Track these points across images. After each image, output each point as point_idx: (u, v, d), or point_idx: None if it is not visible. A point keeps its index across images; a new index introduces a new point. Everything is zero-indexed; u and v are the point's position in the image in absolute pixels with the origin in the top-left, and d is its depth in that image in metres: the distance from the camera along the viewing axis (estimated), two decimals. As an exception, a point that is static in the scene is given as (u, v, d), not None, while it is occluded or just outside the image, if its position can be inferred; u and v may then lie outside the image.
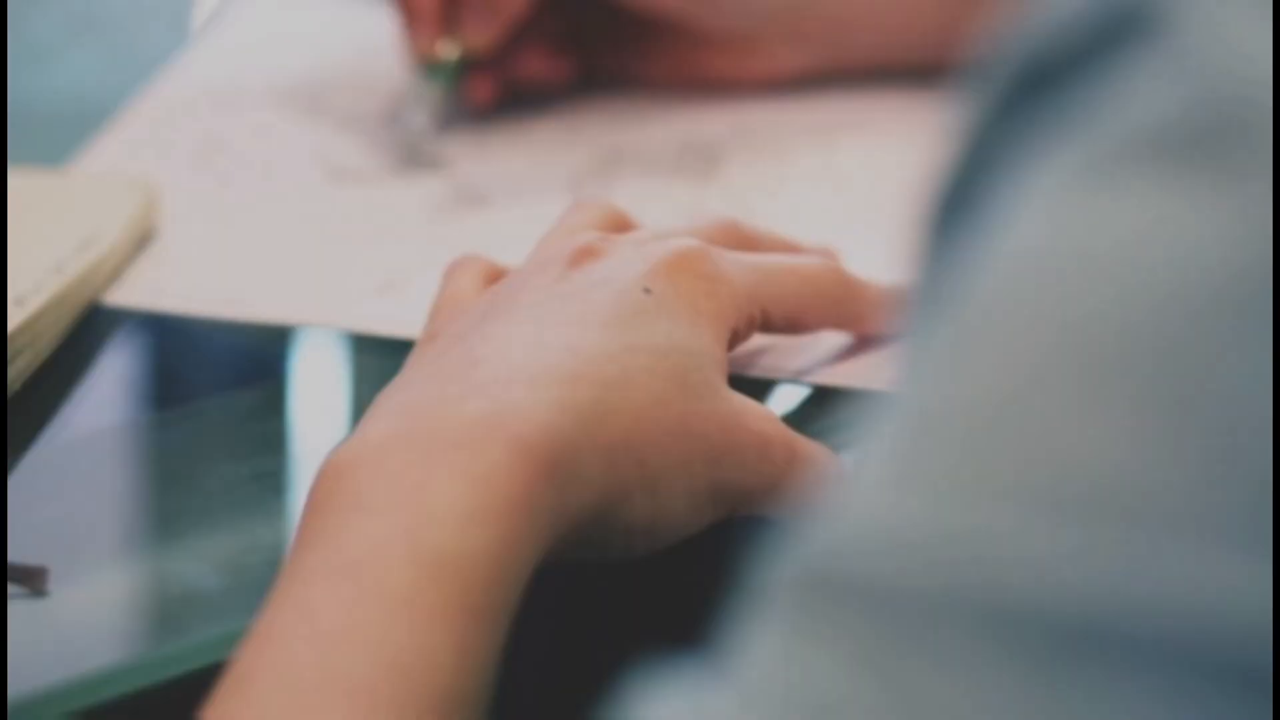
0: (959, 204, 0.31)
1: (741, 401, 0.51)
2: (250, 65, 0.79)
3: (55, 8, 0.88)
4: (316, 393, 0.61)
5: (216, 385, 0.63)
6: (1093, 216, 0.29)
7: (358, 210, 0.69)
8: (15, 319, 0.57)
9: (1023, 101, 0.30)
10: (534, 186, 0.71)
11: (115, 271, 0.63)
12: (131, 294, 0.63)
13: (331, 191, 0.70)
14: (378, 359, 0.61)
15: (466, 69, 0.73)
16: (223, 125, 0.75)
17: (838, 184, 0.71)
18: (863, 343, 0.59)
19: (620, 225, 0.58)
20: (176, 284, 0.64)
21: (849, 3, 0.73)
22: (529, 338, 0.50)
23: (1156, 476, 0.27)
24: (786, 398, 0.58)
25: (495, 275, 0.57)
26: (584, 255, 0.54)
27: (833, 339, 0.59)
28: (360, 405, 0.61)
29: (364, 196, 0.70)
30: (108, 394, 0.59)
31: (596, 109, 0.76)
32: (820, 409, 0.58)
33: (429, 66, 0.72)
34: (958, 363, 0.29)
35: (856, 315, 0.58)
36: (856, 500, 0.30)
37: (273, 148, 0.73)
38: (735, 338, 0.54)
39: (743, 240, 0.57)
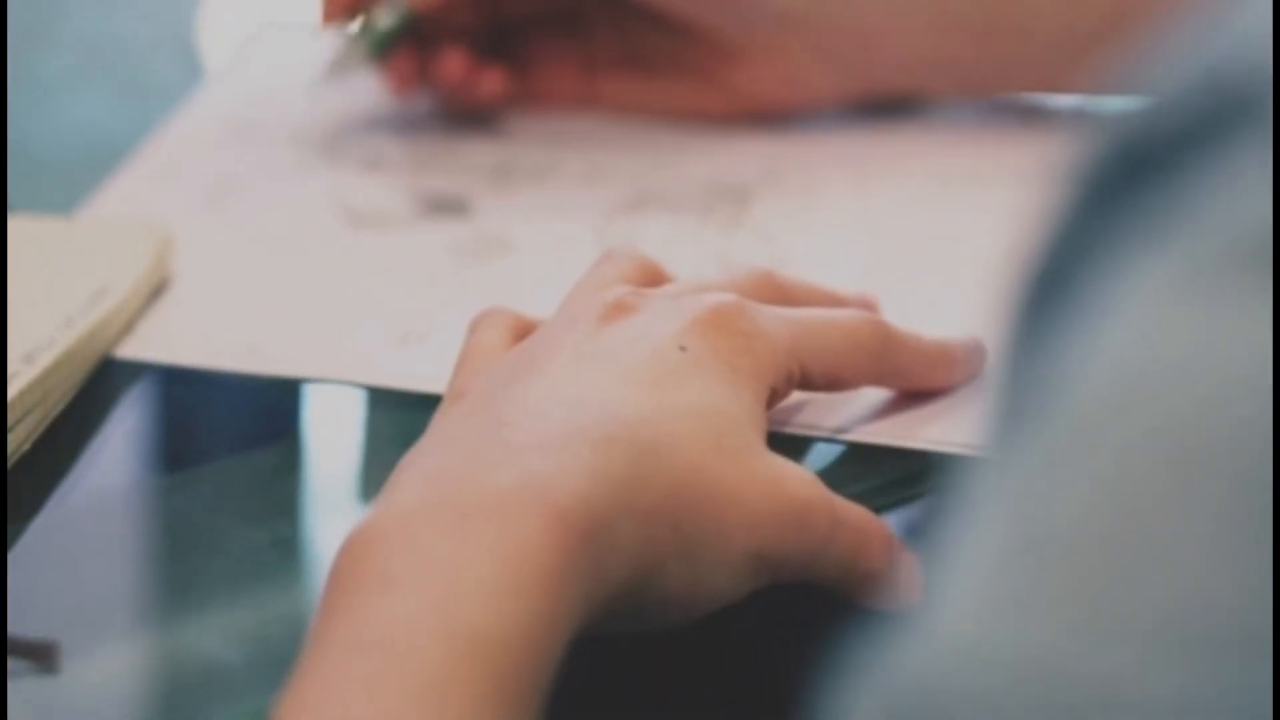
0: (1053, 291, 0.30)
1: (781, 464, 0.50)
2: (265, 105, 0.78)
3: (64, 43, 0.86)
4: (337, 451, 0.60)
5: (232, 443, 0.61)
6: (1197, 327, 0.27)
7: (377, 257, 0.67)
8: (25, 377, 0.56)
9: (1123, 186, 0.29)
10: (559, 231, 0.69)
11: (128, 324, 0.62)
12: (144, 346, 0.62)
13: (350, 237, 0.69)
14: (400, 415, 0.59)
15: (400, 37, 0.71)
16: (237, 167, 0.73)
17: (871, 225, 0.70)
18: (904, 398, 0.57)
19: (652, 277, 0.56)
20: (191, 335, 0.62)
21: (875, 19, 0.71)
22: (561, 399, 0.49)
23: None
24: (825, 457, 0.57)
25: (523, 328, 0.56)
26: (616, 311, 0.52)
27: (873, 394, 0.57)
28: (382, 464, 0.59)
29: (384, 242, 0.68)
30: (119, 453, 0.58)
31: (621, 149, 0.74)
32: (861, 468, 0.56)
33: (361, 26, 0.71)
34: (1058, 478, 0.28)
35: (898, 370, 0.56)
36: (948, 622, 0.28)
37: (289, 191, 0.72)
38: (773, 396, 0.52)
39: (779, 292, 0.56)
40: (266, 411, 0.61)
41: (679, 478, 0.47)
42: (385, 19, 0.71)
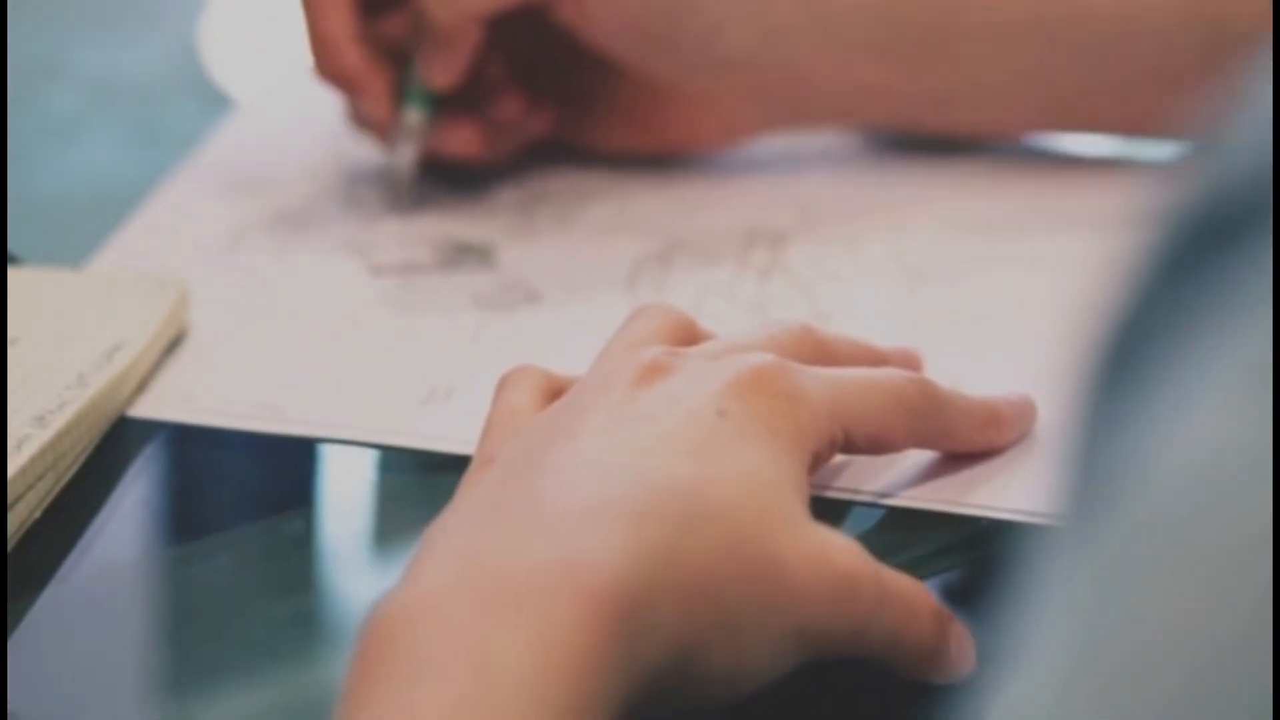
0: (1126, 366, 0.28)
1: (825, 535, 0.48)
2: (282, 150, 0.76)
3: (74, 80, 0.85)
4: (359, 517, 0.58)
5: (250, 509, 0.59)
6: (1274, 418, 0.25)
7: (399, 308, 0.66)
8: (37, 441, 0.54)
9: (1201, 259, 0.27)
10: (588, 280, 0.68)
11: (143, 382, 0.60)
12: (158, 405, 0.60)
13: (370, 287, 0.67)
14: (425, 478, 0.58)
15: (441, 105, 0.70)
16: (254, 215, 0.72)
17: (910, 272, 0.68)
18: (951, 460, 0.56)
19: (687, 334, 0.55)
20: (206, 392, 0.61)
21: (811, 56, 0.70)
22: (596, 469, 0.47)
23: None
24: (868, 522, 0.55)
25: (553, 388, 0.54)
26: (652, 372, 0.50)
27: (917, 455, 0.56)
28: (408, 531, 0.57)
29: (406, 293, 0.67)
30: (131, 520, 0.56)
31: (650, 195, 0.73)
32: (907, 535, 0.54)
33: (406, 95, 0.69)
34: (1134, 585, 0.26)
35: (944, 431, 0.55)
36: None
37: (308, 240, 0.70)
38: (816, 460, 0.51)
39: (819, 349, 0.54)
40: (285, 475, 0.60)
41: (719, 552, 0.46)
42: (415, 115, 0.70)
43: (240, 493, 0.60)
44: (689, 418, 0.48)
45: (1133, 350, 0.28)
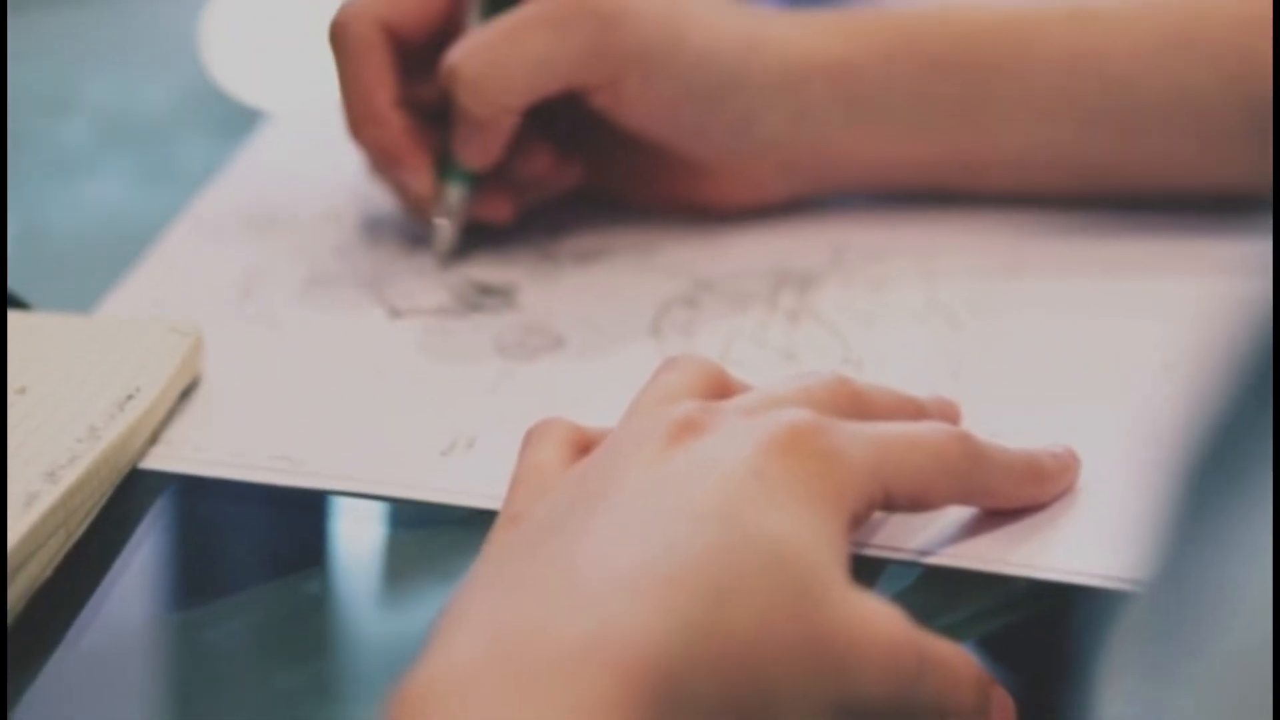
0: (1212, 483, 0.26)
1: (866, 603, 0.46)
2: (297, 185, 0.75)
3: (83, 113, 0.84)
4: (380, 576, 0.57)
5: (265, 567, 0.58)
6: None
7: (419, 354, 0.64)
8: (48, 497, 0.53)
9: None
10: (613, 324, 0.66)
11: (156, 433, 0.59)
12: (171, 457, 0.59)
13: (390, 331, 0.66)
14: (449, 533, 0.56)
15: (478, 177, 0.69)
16: (269, 254, 0.70)
17: (944, 316, 0.66)
18: (992, 516, 0.54)
19: (720, 387, 0.54)
20: (220, 443, 0.59)
21: (844, 136, 0.69)
22: (629, 535, 0.46)
23: None
24: (907, 580, 0.54)
25: (582, 442, 0.53)
26: (685, 430, 0.49)
27: (957, 512, 0.54)
28: (430, 590, 0.56)
29: (425, 338, 0.65)
30: (141, 580, 0.55)
31: (676, 235, 0.71)
32: (947, 596, 0.53)
33: (446, 172, 0.68)
34: None
35: (985, 488, 0.53)
36: None
37: (325, 281, 0.69)
38: (855, 521, 0.49)
39: (855, 401, 0.53)
40: (301, 530, 0.58)
41: (758, 624, 0.44)
42: (455, 192, 0.69)
43: (255, 550, 0.59)
44: (724, 480, 0.47)
45: (1220, 463, 0.27)
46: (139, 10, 0.98)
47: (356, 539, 0.59)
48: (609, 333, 0.66)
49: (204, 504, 0.58)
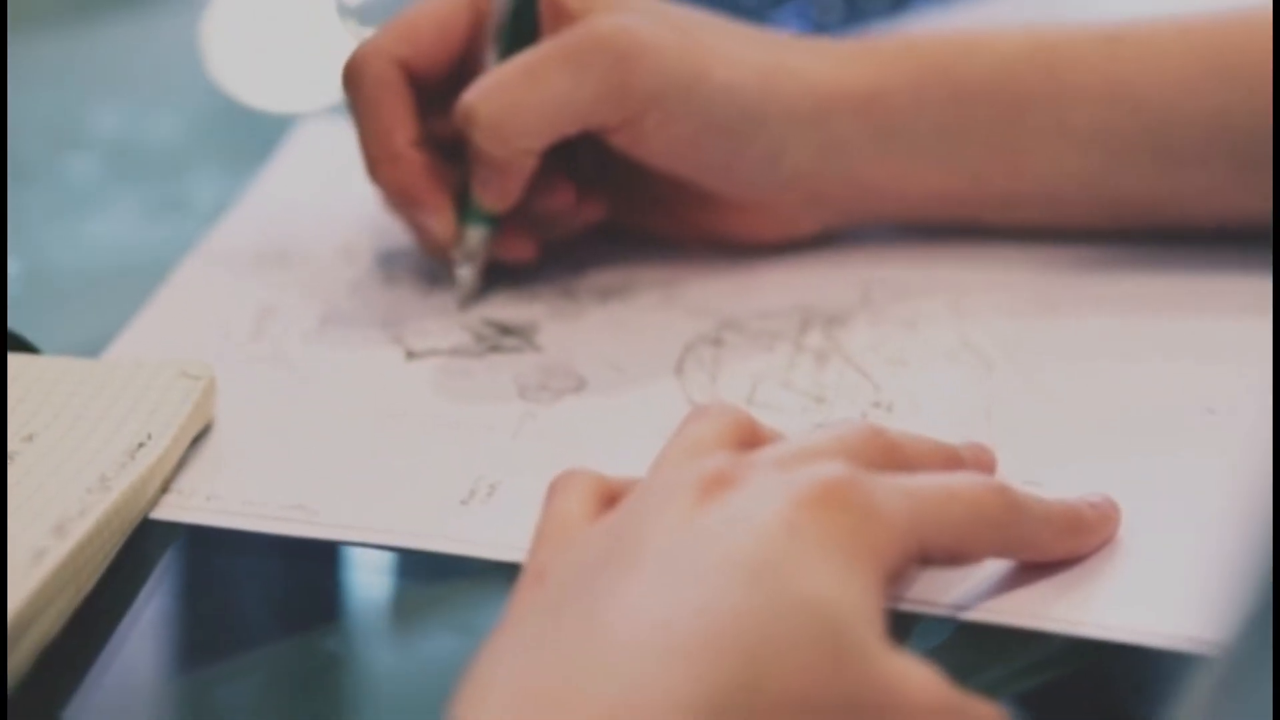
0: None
1: (904, 665, 0.45)
2: (310, 219, 0.74)
3: (92, 144, 0.83)
4: (399, 631, 0.55)
5: (279, 623, 0.57)
6: None
7: (437, 397, 0.63)
8: (57, 553, 0.52)
9: None
10: (636, 365, 0.65)
11: (167, 481, 0.58)
12: (182, 506, 0.57)
13: (407, 373, 0.65)
14: (469, 586, 0.55)
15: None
16: (282, 293, 0.69)
17: (976, 356, 0.65)
18: (1030, 569, 0.53)
19: (750, 437, 0.52)
20: (233, 492, 0.58)
21: (873, 168, 0.68)
22: (659, 595, 0.44)
23: None
24: (943, 636, 0.52)
25: (608, 493, 0.52)
26: (716, 484, 0.48)
27: (994, 565, 0.53)
28: (452, 647, 0.55)
29: (444, 380, 0.64)
30: (151, 637, 0.53)
31: (699, 272, 0.70)
32: (985, 653, 0.52)
33: (466, 214, 0.67)
34: None
35: (1024, 540, 0.52)
36: None
37: (339, 320, 0.68)
38: (893, 579, 0.48)
39: (890, 452, 0.52)
40: (317, 583, 0.57)
41: (791, 688, 0.43)
42: (476, 234, 0.67)
43: (269, 604, 0.58)
44: (757, 538, 0.46)
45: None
46: (145, 32, 0.97)
47: (374, 592, 0.57)
48: (632, 373, 0.65)
49: (216, 556, 0.57)
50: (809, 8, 0.95)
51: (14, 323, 0.65)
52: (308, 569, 0.57)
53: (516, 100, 0.64)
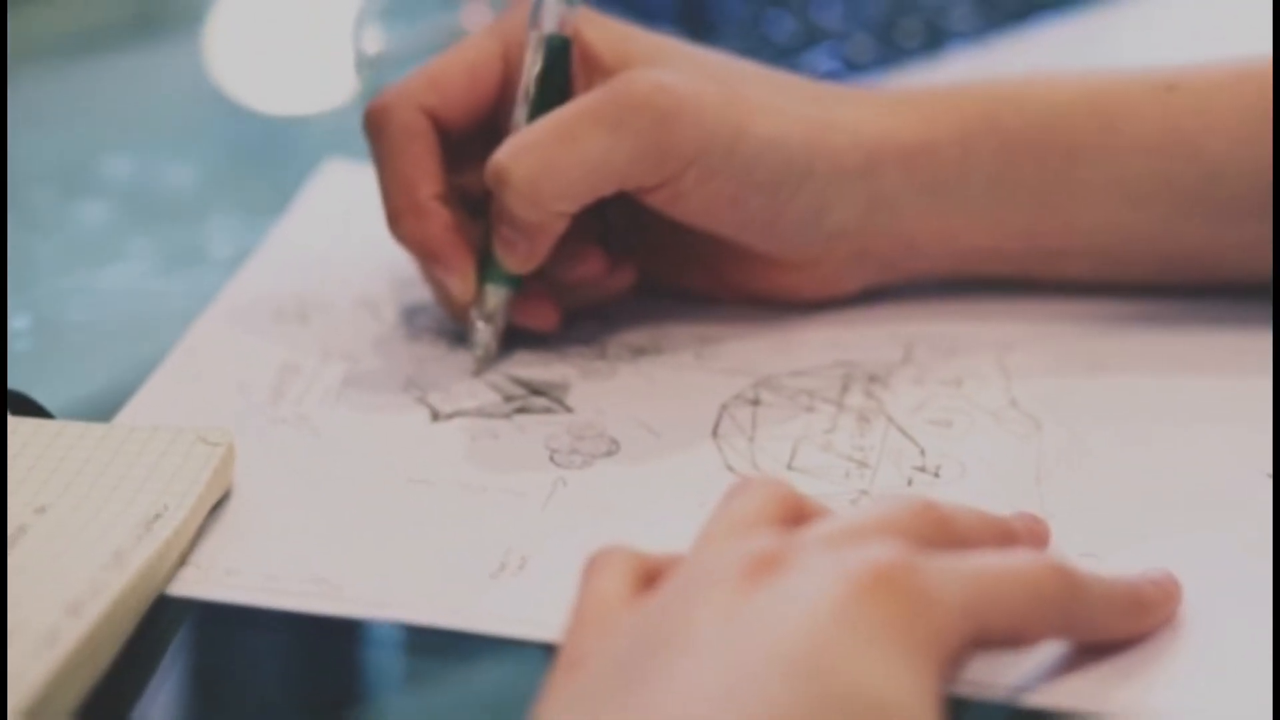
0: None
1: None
2: (331, 271, 0.72)
3: (102, 189, 0.81)
4: (426, 715, 0.54)
5: (302, 706, 0.55)
6: None
7: (464, 462, 0.62)
8: (72, 635, 0.50)
9: None
10: (671, 427, 0.63)
11: (184, 555, 0.56)
12: (199, 581, 0.56)
13: (433, 437, 0.63)
14: (500, 666, 0.53)
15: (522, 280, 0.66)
16: (302, 350, 0.68)
17: (1025, 416, 0.64)
18: (1090, 650, 0.51)
19: (795, 512, 0.51)
20: (253, 565, 0.56)
21: (919, 224, 0.66)
22: (705, 688, 0.43)
23: None
24: (1000, 723, 0.51)
25: (647, 572, 0.50)
26: (763, 566, 0.47)
27: (1052, 646, 0.51)
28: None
29: (471, 443, 0.63)
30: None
31: (735, 328, 0.69)
32: (1045, 740, 0.50)
33: (487, 274, 0.65)
34: None
35: (1084, 623, 0.51)
36: None
37: (362, 380, 0.66)
38: (949, 665, 0.46)
39: (942, 529, 0.50)
40: (339, 663, 0.55)
41: (848, 788, 0.42)
42: (497, 295, 0.65)
43: (290, 684, 0.56)
44: (808, 627, 0.44)
45: None
46: (156, 66, 0.95)
47: (400, 673, 0.56)
48: (666, 436, 0.63)
49: (234, 634, 0.55)
50: (841, 47, 0.94)
51: (22, 381, 0.64)
52: (331, 646, 0.55)
53: (551, 161, 0.62)
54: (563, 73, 0.64)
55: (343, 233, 0.75)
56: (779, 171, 0.64)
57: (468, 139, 0.66)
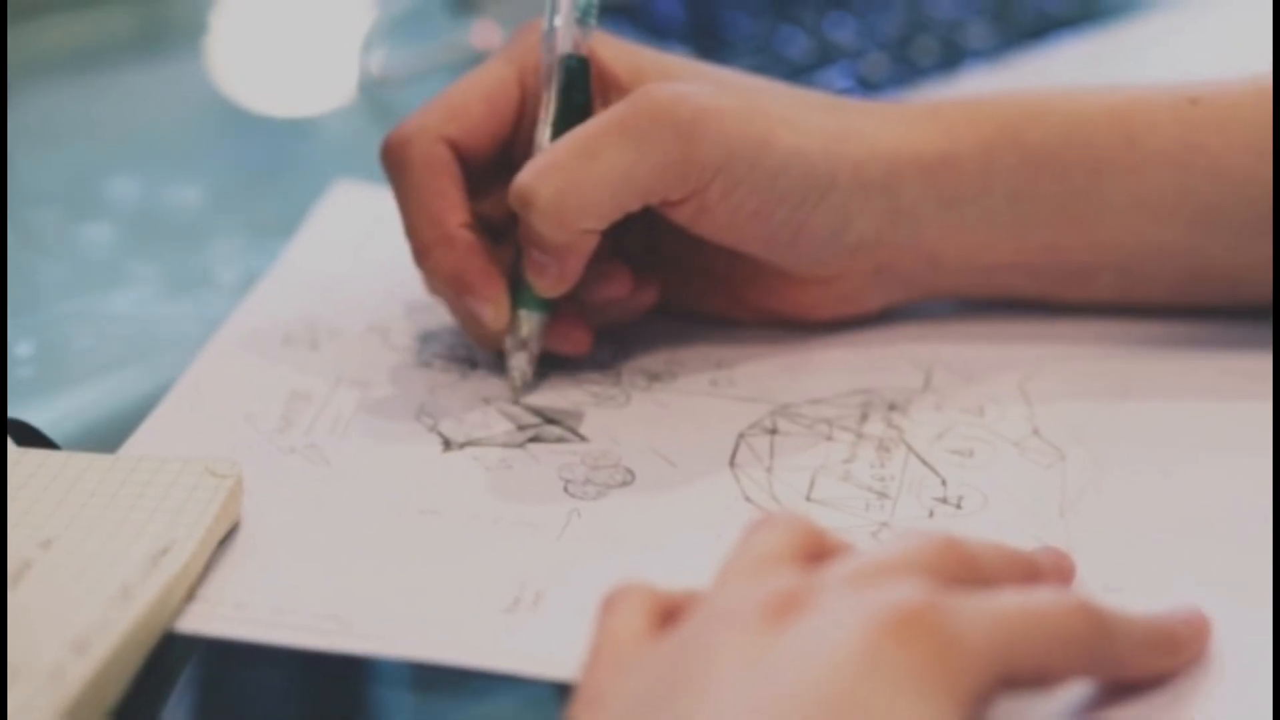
0: None
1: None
2: (340, 296, 0.72)
3: (110, 214, 0.81)
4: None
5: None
6: None
7: (477, 492, 0.61)
8: (79, 673, 0.49)
9: None
10: (687, 456, 0.63)
11: (192, 589, 0.55)
12: (207, 617, 0.55)
13: (444, 467, 0.62)
14: (516, 706, 0.53)
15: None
16: (311, 378, 0.67)
17: (1048, 444, 0.63)
18: (1117, 688, 0.51)
19: (817, 549, 0.50)
20: (262, 599, 0.55)
21: (941, 239, 0.66)
22: (730, 734, 0.42)
23: None
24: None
25: (665, 609, 0.49)
26: (785, 606, 0.46)
27: (1081, 687, 0.51)
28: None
29: (484, 474, 0.62)
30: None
31: (751, 353, 0.68)
32: (1073, 784, 0.49)
33: (519, 300, 0.64)
34: None
35: (1112, 661, 0.50)
36: None
37: (372, 409, 0.65)
38: (975, 708, 0.46)
39: (966, 566, 0.50)
40: (350, 701, 0.55)
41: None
42: (530, 323, 0.65)
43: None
44: (831, 670, 0.44)
45: None
46: (161, 83, 0.95)
47: (412, 710, 0.55)
48: (683, 466, 0.62)
49: (243, 669, 0.55)
50: (856, 66, 0.93)
51: (26, 409, 0.63)
52: (341, 683, 0.55)
53: (575, 180, 0.61)
54: (583, 92, 0.63)
55: (352, 256, 0.75)
56: (802, 183, 0.63)
57: (486, 166, 0.65)
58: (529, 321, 0.65)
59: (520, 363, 0.65)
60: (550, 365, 0.67)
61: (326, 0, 1.05)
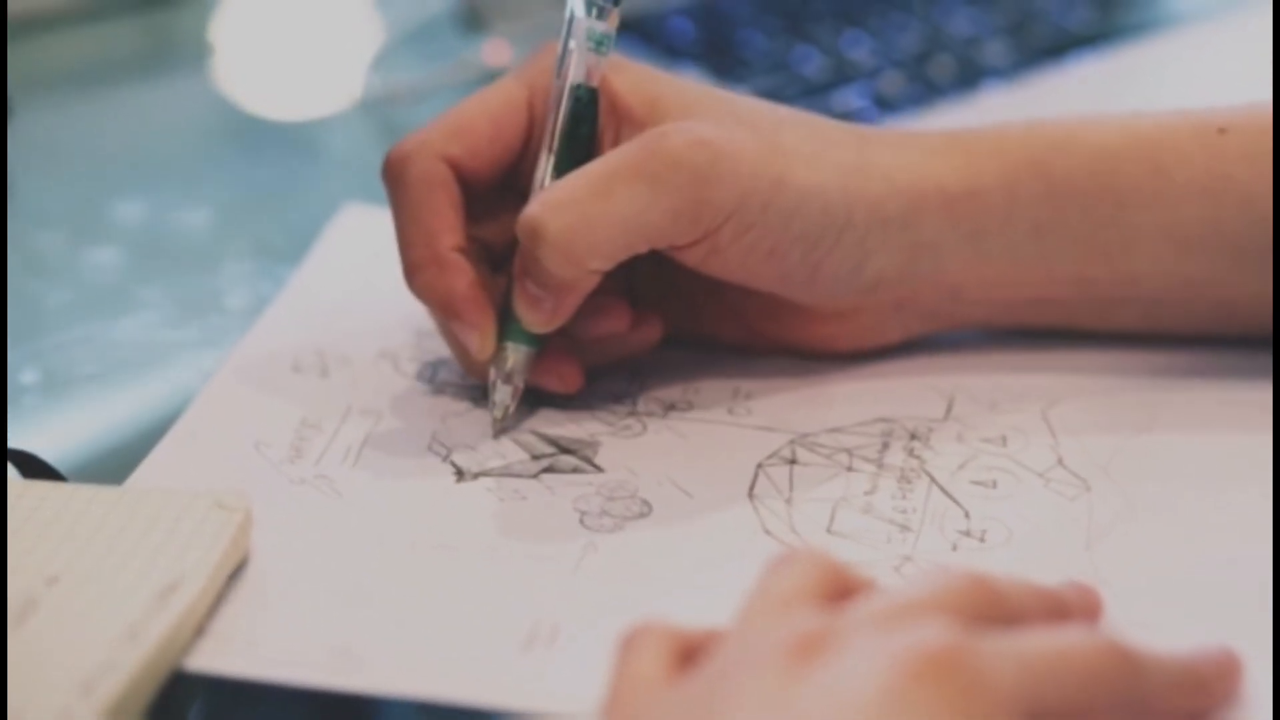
0: None
1: None
2: (350, 322, 0.71)
3: (116, 239, 0.80)
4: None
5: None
6: None
7: (490, 525, 0.60)
8: (85, 713, 0.48)
9: None
10: (705, 488, 0.62)
11: (200, 626, 0.55)
12: (218, 654, 0.54)
13: (457, 498, 0.62)
14: (531, 746, 0.52)
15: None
16: (321, 406, 0.66)
17: (1067, 475, 0.62)
18: (1148, 731, 0.50)
19: (840, 587, 0.50)
20: (273, 637, 0.55)
21: (962, 272, 0.65)
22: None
23: None
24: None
25: (685, 649, 0.49)
26: (808, 649, 0.45)
27: (1109, 725, 0.50)
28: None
29: (498, 505, 0.61)
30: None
31: (769, 382, 0.67)
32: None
33: (504, 331, 0.64)
34: None
35: (1141, 703, 0.49)
36: None
37: (383, 439, 0.65)
38: (1003, 753, 0.45)
39: (993, 605, 0.49)
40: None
41: None
42: (516, 355, 0.64)
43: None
44: (858, 714, 0.43)
45: None
46: (167, 98, 0.94)
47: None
48: (700, 497, 0.62)
49: (252, 708, 0.54)
50: (872, 84, 0.93)
51: (30, 439, 0.62)
52: (354, 723, 0.54)
53: (587, 217, 0.60)
54: (589, 125, 0.63)
55: (362, 281, 0.74)
56: (817, 222, 0.62)
57: (488, 190, 0.64)
58: (515, 354, 0.64)
59: (504, 396, 0.64)
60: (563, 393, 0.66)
61: (335, 17, 1.05)
